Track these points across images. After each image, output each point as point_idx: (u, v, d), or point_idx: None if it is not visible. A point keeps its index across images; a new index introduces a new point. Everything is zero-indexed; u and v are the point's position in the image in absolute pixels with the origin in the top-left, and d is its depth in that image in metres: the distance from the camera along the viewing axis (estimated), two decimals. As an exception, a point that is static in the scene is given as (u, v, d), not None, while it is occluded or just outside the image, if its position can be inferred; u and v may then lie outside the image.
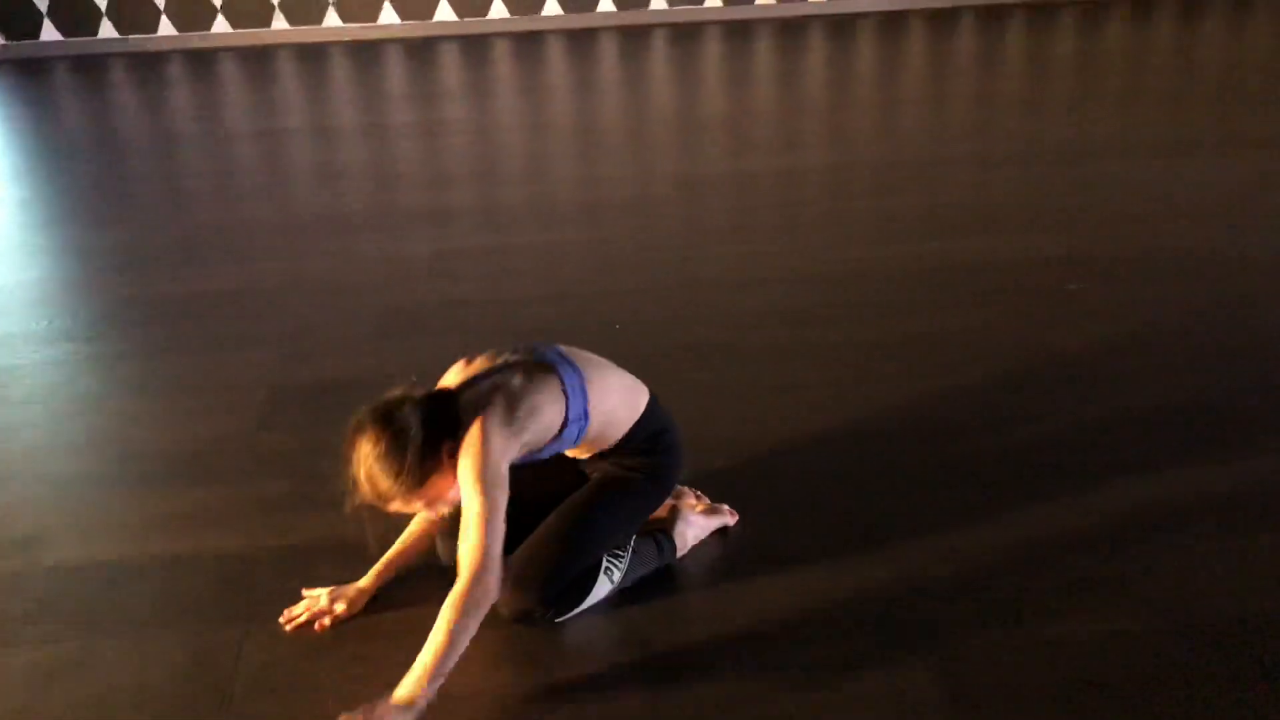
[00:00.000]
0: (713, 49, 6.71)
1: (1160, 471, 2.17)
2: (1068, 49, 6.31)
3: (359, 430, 1.66)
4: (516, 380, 1.75)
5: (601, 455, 1.94)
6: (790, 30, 7.09)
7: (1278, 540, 1.95)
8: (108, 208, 4.23)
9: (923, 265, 3.28)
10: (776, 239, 3.58)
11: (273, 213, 4.10)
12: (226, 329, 3.07)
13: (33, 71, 6.79)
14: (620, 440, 1.91)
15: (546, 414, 1.76)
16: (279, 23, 7.29)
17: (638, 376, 1.98)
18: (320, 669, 1.75)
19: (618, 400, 1.89)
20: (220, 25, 7.26)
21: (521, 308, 3.12)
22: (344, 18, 7.34)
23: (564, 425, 1.79)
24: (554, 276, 3.33)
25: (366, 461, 1.64)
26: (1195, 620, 1.75)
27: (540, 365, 1.80)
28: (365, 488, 1.66)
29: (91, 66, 6.88)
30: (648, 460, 1.92)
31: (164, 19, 7.22)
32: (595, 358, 1.92)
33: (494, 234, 3.75)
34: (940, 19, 7.26)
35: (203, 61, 6.89)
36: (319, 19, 7.32)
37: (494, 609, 1.67)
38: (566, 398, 1.78)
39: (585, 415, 1.81)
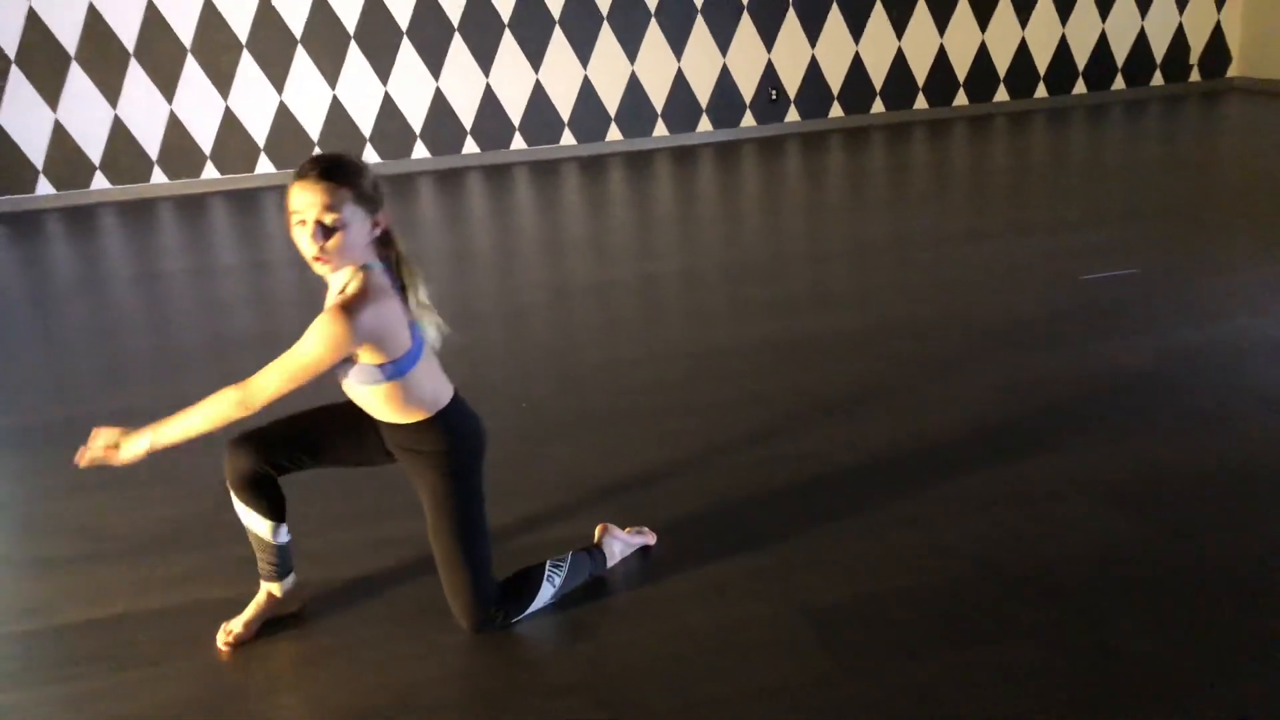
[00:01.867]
0: (571, 180, 7.46)
1: (959, 467, 2.81)
2: (880, 163, 7.32)
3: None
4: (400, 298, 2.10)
5: (402, 432, 2.19)
6: (637, 161, 7.94)
7: (1019, 511, 2.59)
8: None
9: (768, 340, 3.93)
10: (642, 328, 4.19)
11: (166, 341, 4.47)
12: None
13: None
14: (420, 421, 2.17)
15: (399, 335, 2.05)
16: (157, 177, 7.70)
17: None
18: (317, 671, 2.15)
19: (431, 381, 2.18)
20: (100, 182, 7.62)
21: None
22: (221, 169, 7.82)
23: (394, 359, 2.06)
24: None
25: (342, 158, 2.01)
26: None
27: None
28: (322, 168, 1.96)
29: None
30: (444, 447, 2.18)
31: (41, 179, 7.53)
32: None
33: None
34: (770, 146, 8.25)
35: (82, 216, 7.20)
36: (196, 172, 7.77)
37: (458, 625, 2.17)
38: (412, 344, 2.09)
39: (411, 364, 2.10)
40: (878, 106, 8.88)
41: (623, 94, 8.36)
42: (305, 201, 1.96)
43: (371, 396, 2.13)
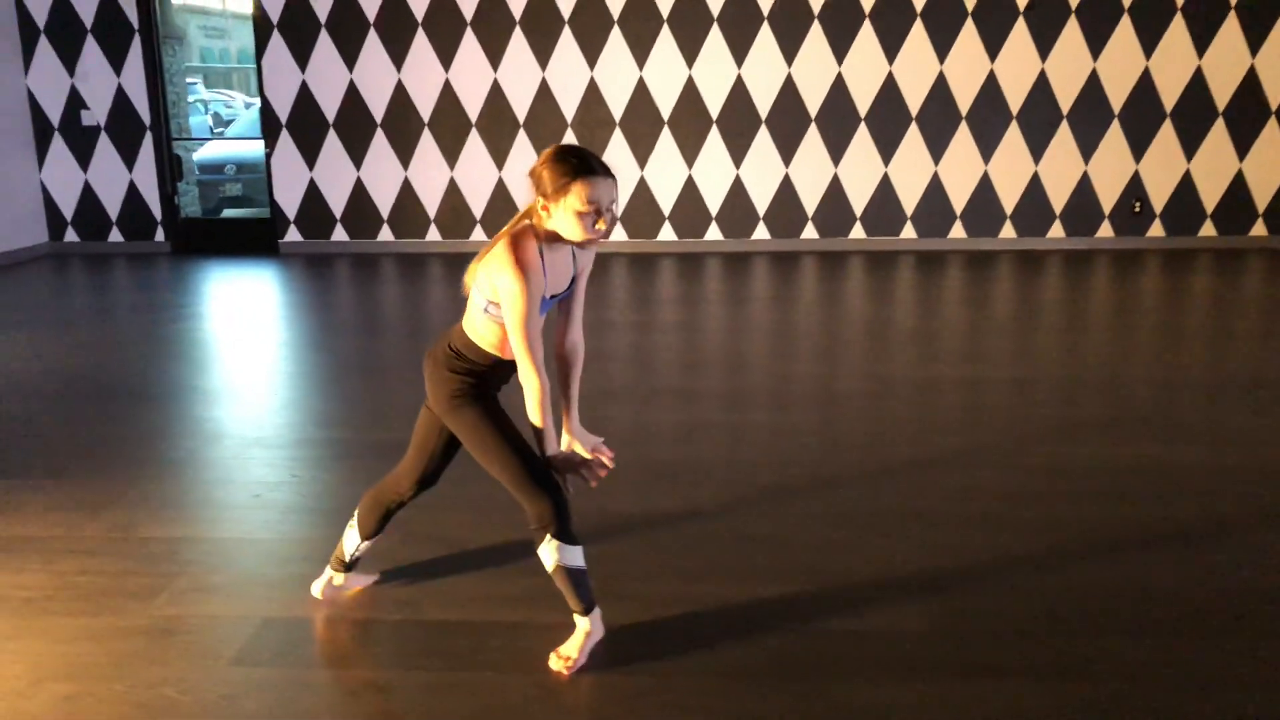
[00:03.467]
0: (906, 274, 7.44)
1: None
2: (1254, 290, 6.70)
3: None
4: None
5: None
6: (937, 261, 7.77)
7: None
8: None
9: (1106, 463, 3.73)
10: (964, 436, 4.10)
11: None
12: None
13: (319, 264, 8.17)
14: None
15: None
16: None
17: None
18: (641, 707, 2.32)
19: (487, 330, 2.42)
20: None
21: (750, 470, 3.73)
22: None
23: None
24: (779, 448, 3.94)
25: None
26: None
27: None
28: (603, 164, 2.31)
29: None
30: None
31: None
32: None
33: (732, 412, 4.42)
34: (1126, 259, 7.78)
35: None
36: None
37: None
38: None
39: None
40: (1258, 229, 8.16)
41: (972, 192, 8.26)
42: (605, 194, 2.27)
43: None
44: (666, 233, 8.54)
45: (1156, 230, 8.26)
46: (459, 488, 3.10)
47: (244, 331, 6.04)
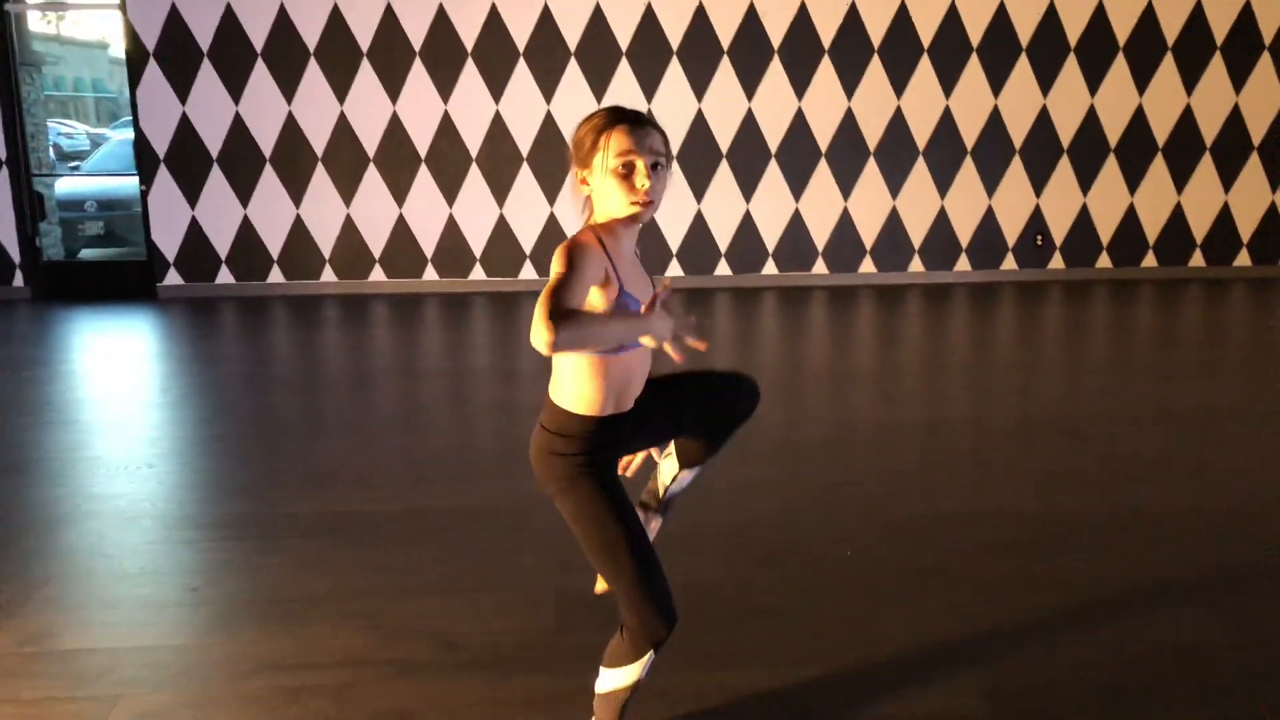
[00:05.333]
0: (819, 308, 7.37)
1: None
2: (1157, 320, 6.89)
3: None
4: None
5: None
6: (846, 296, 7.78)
7: None
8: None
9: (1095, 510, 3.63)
10: (961, 481, 3.96)
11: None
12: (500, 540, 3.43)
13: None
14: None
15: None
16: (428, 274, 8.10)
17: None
18: None
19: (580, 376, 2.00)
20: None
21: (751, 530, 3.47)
22: (488, 272, 8.16)
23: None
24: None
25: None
26: None
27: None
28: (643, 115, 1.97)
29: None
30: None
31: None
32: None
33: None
34: (1031, 291, 7.94)
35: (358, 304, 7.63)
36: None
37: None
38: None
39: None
40: (1149, 260, 8.48)
41: (881, 228, 8.30)
42: (642, 141, 1.91)
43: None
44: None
45: (1057, 263, 8.47)
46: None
47: (131, 388, 5.44)
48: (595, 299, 1.90)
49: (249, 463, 4.26)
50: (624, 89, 7.93)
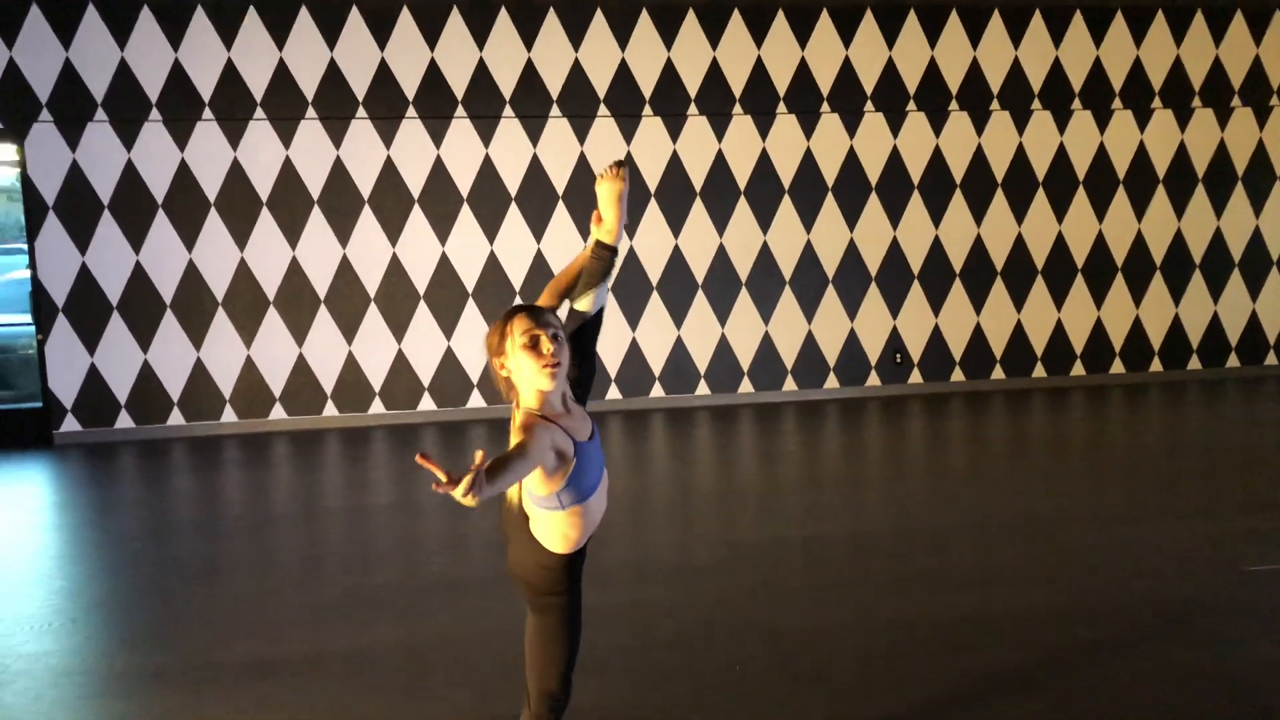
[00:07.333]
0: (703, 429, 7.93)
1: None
2: (1005, 430, 7.67)
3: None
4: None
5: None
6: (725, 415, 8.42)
7: None
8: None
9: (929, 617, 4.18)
10: (846, 597, 4.46)
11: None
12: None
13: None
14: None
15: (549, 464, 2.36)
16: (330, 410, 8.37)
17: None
18: None
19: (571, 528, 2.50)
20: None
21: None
22: (388, 405, 8.49)
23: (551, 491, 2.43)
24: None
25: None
26: None
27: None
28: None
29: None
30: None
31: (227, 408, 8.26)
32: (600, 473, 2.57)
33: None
34: (893, 405, 8.69)
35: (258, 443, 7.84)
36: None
37: None
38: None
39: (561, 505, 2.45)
40: (998, 373, 9.38)
41: (755, 351, 8.99)
42: (540, 319, 2.40)
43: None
44: (475, 400, 8.65)
45: (916, 378, 9.28)
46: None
47: (39, 541, 5.55)
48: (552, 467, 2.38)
49: (174, 611, 4.46)
50: (513, 231, 8.51)
